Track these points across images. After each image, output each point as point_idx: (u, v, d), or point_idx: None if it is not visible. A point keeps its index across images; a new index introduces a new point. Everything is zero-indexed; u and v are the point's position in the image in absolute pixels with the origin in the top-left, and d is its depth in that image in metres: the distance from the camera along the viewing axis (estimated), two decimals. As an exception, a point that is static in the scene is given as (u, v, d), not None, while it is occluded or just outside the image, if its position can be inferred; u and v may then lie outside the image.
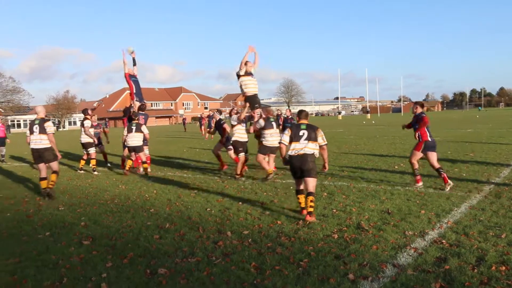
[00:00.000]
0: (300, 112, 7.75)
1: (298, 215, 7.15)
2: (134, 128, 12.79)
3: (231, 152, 12.23)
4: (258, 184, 10.35)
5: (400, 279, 4.48)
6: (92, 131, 13.91)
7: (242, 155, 11.38)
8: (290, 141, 7.25)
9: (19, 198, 9.70)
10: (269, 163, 10.93)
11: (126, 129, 12.94)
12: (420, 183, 9.20)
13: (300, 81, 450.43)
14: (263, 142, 10.99)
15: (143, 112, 13.73)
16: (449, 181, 8.83)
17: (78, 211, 8.14)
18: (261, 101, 12.11)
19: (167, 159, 17.15)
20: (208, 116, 32.62)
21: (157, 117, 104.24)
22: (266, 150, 10.89)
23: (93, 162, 13.77)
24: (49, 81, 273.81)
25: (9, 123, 72.84)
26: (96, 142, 14.17)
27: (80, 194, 9.98)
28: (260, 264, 5.05)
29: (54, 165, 9.81)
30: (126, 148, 14.10)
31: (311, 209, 6.84)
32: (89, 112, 14.17)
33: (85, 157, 14.12)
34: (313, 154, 7.16)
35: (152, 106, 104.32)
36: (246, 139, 11.63)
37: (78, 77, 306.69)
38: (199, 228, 6.61)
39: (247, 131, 11.72)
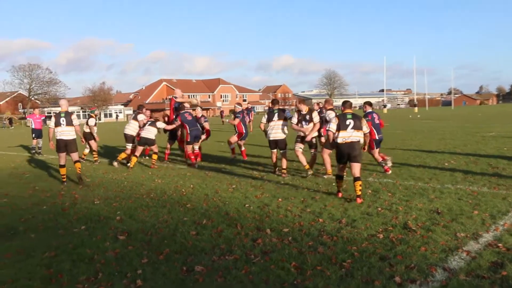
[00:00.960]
0: (345, 102, 8.45)
1: (340, 213, 6.93)
2: (148, 123, 13.66)
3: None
4: (299, 180, 10.14)
5: (452, 284, 4.23)
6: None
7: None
8: (337, 129, 8.00)
9: (55, 191, 9.79)
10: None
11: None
12: (389, 172, 10.34)
13: (343, 73, 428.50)
14: None
15: (187, 110, 13.98)
16: (389, 171, 10.27)
17: (114, 205, 8.14)
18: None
19: (204, 152, 17.08)
20: (247, 109, 32.46)
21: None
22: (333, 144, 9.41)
23: (122, 155, 13.83)
24: (86, 72, 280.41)
25: (46, 114, 73.79)
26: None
27: (115, 187, 10.00)
28: (300, 263, 4.90)
29: (75, 155, 10.50)
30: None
31: (359, 192, 7.69)
32: (144, 110, 14.27)
33: (128, 151, 14.00)
34: (359, 141, 8.05)
35: (189, 98, 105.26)
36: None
37: (115, 68, 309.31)
38: (237, 225, 6.48)
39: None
